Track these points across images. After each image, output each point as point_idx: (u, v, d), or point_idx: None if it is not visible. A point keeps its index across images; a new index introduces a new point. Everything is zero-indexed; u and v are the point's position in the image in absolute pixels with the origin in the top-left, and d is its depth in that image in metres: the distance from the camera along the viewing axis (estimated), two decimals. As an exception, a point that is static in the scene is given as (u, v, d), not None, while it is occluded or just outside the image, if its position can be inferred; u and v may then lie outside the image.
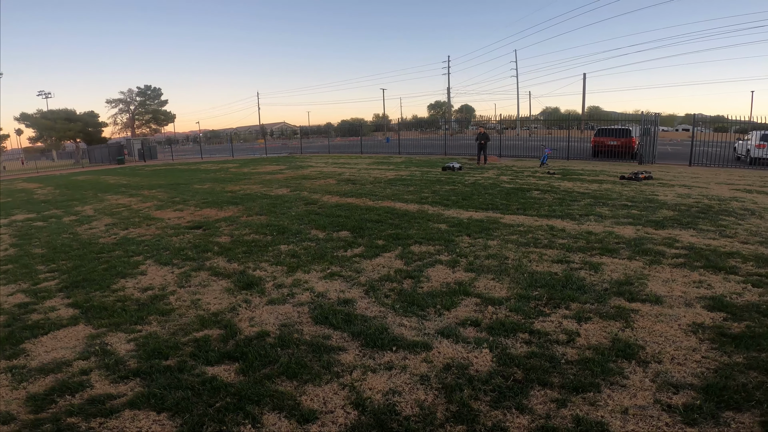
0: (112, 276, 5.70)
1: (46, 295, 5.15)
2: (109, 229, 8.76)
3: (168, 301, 4.75)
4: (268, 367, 3.33)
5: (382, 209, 9.05)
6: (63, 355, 3.76)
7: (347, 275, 5.27)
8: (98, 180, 21.82)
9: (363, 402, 2.87)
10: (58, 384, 3.29)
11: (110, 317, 4.41)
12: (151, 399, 3.02)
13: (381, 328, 3.85)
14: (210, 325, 4.12)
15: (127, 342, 3.90)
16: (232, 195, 12.52)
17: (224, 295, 4.84)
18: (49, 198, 15.22)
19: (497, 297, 4.46)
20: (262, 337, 3.83)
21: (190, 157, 41.75)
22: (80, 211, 11.39)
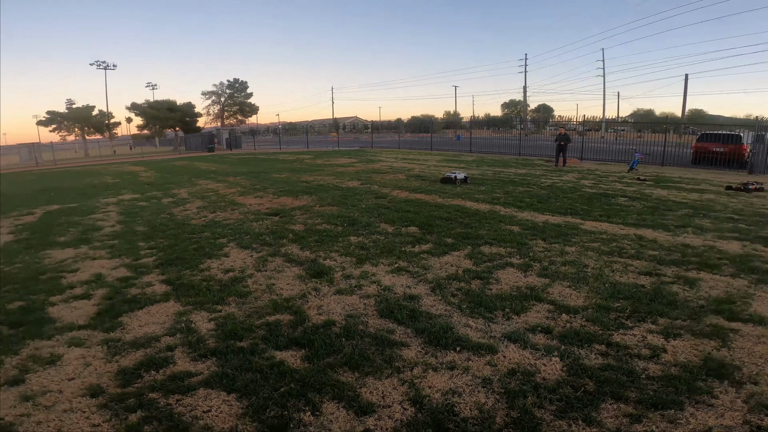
0: (201, 256, 6.21)
1: (145, 271, 5.71)
2: (200, 212, 9.61)
3: (246, 284, 5.05)
4: (332, 357, 3.39)
5: (452, 207, 8.91)
6: (153, 330, 4.02)
7: (414, 271, 5.27)
8: (192, 166, 24.03)
9: (421, 399, 2.86)
10: (146, 359, 3.51)
11: (196, 296, 4.76)
12: (223, 379, 3.15)
13: (445, 327, 3.80)
14: (282, 310, 4.31)
15: (208, 321, 4.15)
16: (306, 185, 13.09)
17: (296, 282, 5.06)
18: (151, 180, 17.07)
19: (573, 305, 4.20)
20: (328, 326, 3.92)
21: (269, 147, 44.39)
22: (176, 194, 12.63)
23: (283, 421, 2.69)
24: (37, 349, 3.75)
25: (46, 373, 3.39)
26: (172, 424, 2.72)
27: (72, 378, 3.31)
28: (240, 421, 2.72)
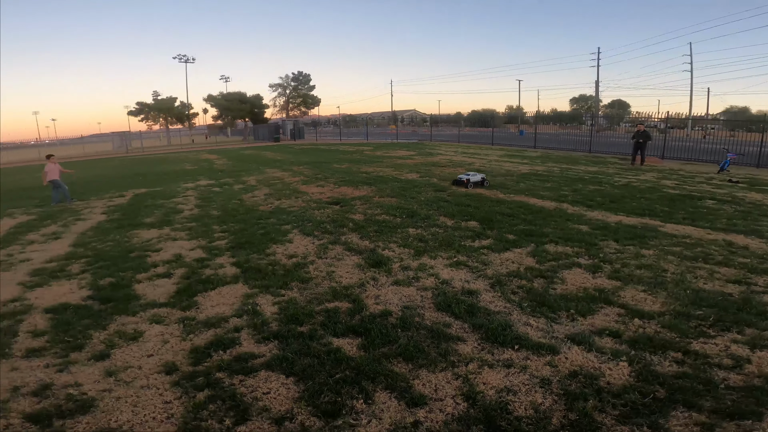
0: (267, 241, 6.53)
1: (218, 253, 6.11)
2: (267, 199, 10.12)
3: (308, 270, 5.23)
4: (387, 347, 3.41)
5: (514, 203, 8.61)
6: (223, 311, 4.22)
7: (473, 266, 5.18)
8: (260, 155, 25.33)
9: (475, 395, 2.82)
10: (215, 339, 3.66)
11: (262, 279, 4.99)
12: (283, 363, 3.25)
13: (504, 324, 3.71)
14: (340, 298, 4.41)
15: (272, 305, 4.30)
16: (366, 176, 13.28)
17: (355, 271, 5.16)
18: (224, 168, 18.27)
19: (647, 311, 3.93)
20: (385, 316, 3.95)
21: (330, 138, 45.52)
22: (246, 181, 13.40)
23: (336, 408, 2.74)
24: (123, 324, 4.06)
25: (129, 349, 3.63)
26: (234, 404, 2.83)
27: (151, 355, 3.52)
28: (296, 405, 2.79)
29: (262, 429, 2.61)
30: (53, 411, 2.85)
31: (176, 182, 14.14)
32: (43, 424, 2.73)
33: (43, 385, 3.14)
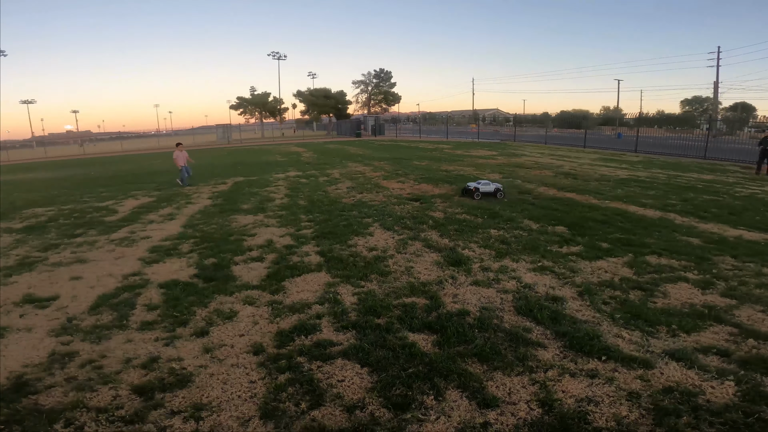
0: (349, 233, 6.76)
1: (304, 241, 6.45)
2: (349, 192, 10.50)
3: (387, 264, 5.31)
4: (463, 346, 3.37)
5: (610, 210, 7.95)
6: (307, 297, 4.40)
7: (560, 272, 4.91)
8: (343, 149, 26.31)
9: (551, 402, 2.71)
10: (299, 324, 3.82)
11: (344, 269, 5.17)
12: (359, 352, 3.30)
13: (592, 334, 3.49)
14: (418, 294, 4.43)
15: (352, 295, 4.41)
16: (446, 174, 13.16)
17: (433, 268, 5.15)
18: (310, 161, 19.31)
19: (765, 332, 3.49)
20: (462, 315, 3.90)
21: (409, 135, 45.73)
22: (330, 174, 14.03)
23: (406, 401, 2.76)
24: (221, 303, 4.35)
25: (225, 327, 3.87)
26: (311, 388, 2.94)
27: (242, 335, 3.72)
28: (368, 395, 2.84)
29: (334, 416, 2.67)
30: (156, 384, 3.08)
31: (269, 172, 15.26)
32: (146, 396, 2.94)
33: (152, 358, 3.42)
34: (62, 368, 3.31)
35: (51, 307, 4.41)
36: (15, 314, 4.26)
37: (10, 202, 11.53)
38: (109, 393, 2.99)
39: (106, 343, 3.69)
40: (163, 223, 8.09)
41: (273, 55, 64.61)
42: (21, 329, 3.94)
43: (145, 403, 2.88)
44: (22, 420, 2.73)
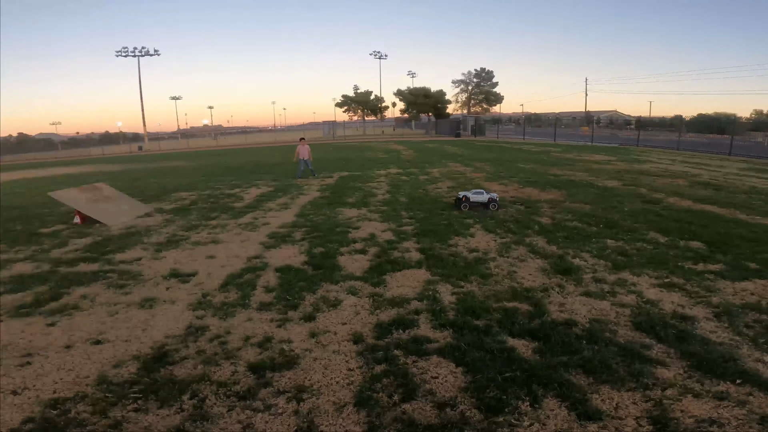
0: (450, 233, 6.74)
1: (405, 238, 6.58)
2: (450, 191, 10.43)
3: (488, 266, 5.19)
4: (567, 356, 3.21)
5: (761, 227, 6.73)
6: (406, 293, 4.48)
7: (692, 291, 4.34)
8: (442, 148, 26.23)
9: (666, 420, 2.49)
10: (398, 318, 3.91)
11: (443, 268, 5.15)
12: (455, 352, 3.30)
13: (726, 356, 3.13)
14: (520, 299, 4.26)
15: (451, 294, 4.41)
16: (554, 178, 12.35)
17: (538, 274, 4.90)
18: (410, 159, 19.63)
19: None
20: (569, 325, 3.70)
21: (512, 136, 43.68)
22: (430, 173, 14.10)
23: (500, 404, 2.71)
24: (328, 291, 4.59)
25: (330, 314, 4.07)
26: (404, 382, 2.99)
27: (344, 323, 3.89)
28: (460, 394, 2.83)
29: (424, 411, 2.70)
30: (268, 363, 3.30)
31: (371, 169, 15.87)
32: (258, 374, 3.16)
33: (266, 338, 3.68)
34: (195, 341, 3.69)
35: (191, 282, 5.07)
36: (162, 287, 4.96)
37: (162, 186, 13.72)
38: (230, 368, 3.28)
39: (231, 320, 4.06)
40: (280, 211, 8.89)
41: (374, 54, 66.79)
42: (166, 301, 4.56)
43: (257, 380, 3.11)
44: (157, 390, 3.02)
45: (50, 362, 3.42)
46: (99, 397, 2.94)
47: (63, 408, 2.85)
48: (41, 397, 2.96)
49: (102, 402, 2.89)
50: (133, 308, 4.40)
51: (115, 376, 3.19)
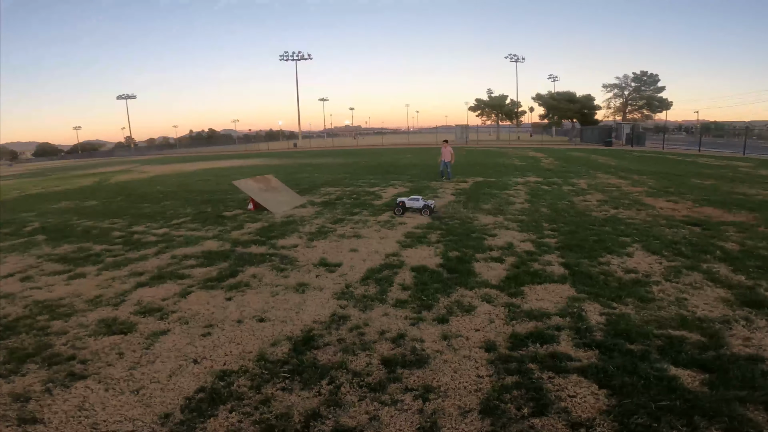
0: (601, 249, 6.07)
1: (547, 250, 6.14)
2: (601, 205, 9.38)
3: (650, 290, 4.57)
4: (745, 391, 2.84)
5: None
6: (547, 307, 4.27)
7: None
8: (589, 158, 23.76)
9: None
10: (535, 331, 3.76)
11: (592, 287, 4.71)
12: (600, 373, 3.08)
13: None
14: (691, 328, 3.74)
15: (599, 314, 4.07)
16: (744, 198, 10.11)
17: (717, 304, 4.21)
18: (551, 167, 18.25)
19: None
20: (753, 361, 3.23)
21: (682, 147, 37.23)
22: (575, 183, 12.89)
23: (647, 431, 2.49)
24: (462, 296, 4.58)
25: (463, 319, 4.07)
26: (536, 396, 2.88)
27: (477, 329, 3.87)
28: (600, 417, 2.66)
29: (555, 428, 2.59)
30: (399, 359, 3.39)
31: (507, 175, 15.23)
32: (390, 369, 3.26)
33: (400, 334, 3.80)
34: (337, 329, 3.96)
35: (336, 273, 5.53)
36: (313, 274, 5.50)
37: (312, 181, 15.44)
38: (365, 359, 3.43)
39: (370, 313, 4.28)
40: (415, 212, 9.13)
41: (510, 58, 63.91)
42: (315, 288, 5.03)
43: (388, 374, 3.21)
44: (302, 372, 3.27)
45: (225, 334, 3.99)
46: (257, 373, 3.33)
47: (228, 380, 3.25)
48: (214, 368, 3.43)
49: (258, 378, 3.27)
50: (290, 291, 4.97)
51: (271, 354, 3.61)
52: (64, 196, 16.01)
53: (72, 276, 5.84)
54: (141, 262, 6.34)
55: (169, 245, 7.20)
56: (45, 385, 3.29)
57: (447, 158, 14.07)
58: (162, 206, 11.55)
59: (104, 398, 3.11)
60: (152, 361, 3.56)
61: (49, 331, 4.15)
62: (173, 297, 4.91)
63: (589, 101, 59.88)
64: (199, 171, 24.47)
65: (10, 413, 2.98)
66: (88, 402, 3.08)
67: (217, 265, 5.98)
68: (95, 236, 8.24)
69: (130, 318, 4.39)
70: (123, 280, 5.58)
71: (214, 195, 13.13)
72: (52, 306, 4.77)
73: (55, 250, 7.31)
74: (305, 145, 66.37)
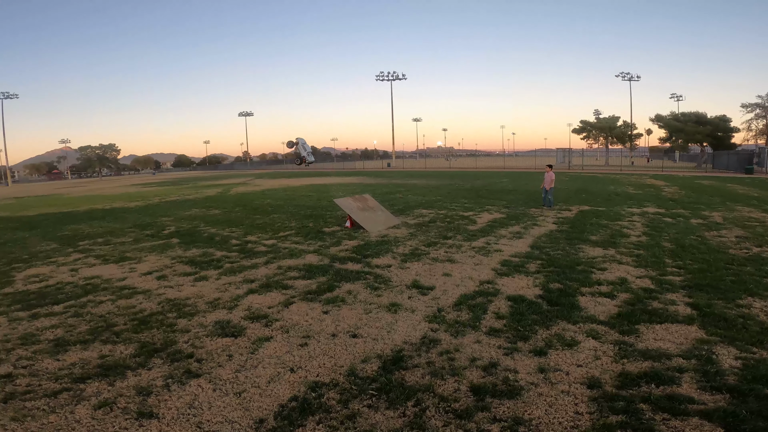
0: (740, 290, 5.26)
1: (669, 288, 5.44)
2: (740, 242, 8.01)
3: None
4: None
5: None
6: (667, 347, 3.90)
7: None
8: (723, 187, 20.51)
9: None
10: (650, 371, 3.45)
11: (727, 329, 4.22)
12: (728, 417, 2.85)
13: None
14: None
15: (735, 358, 3.68)
16: None
17: None
18: (674, 197, 16.09)
19: None
20: None
21: None
22: (707, 216, 11.16)
23: None
24: (563, 330, 4.34)
25: (563, 353, 3.86)
26: None
27: (580, 365, 3.63)
28: None
29: None
30: (489, 388, 3.29)
31: (619, 204, 13.80)
32: (478, 397, 3.19)
33: (492, 363, 3.69)
34: (427, 352, 3.97)
35: (428, 296, 5.49)
36: (405, 295, 5.52)
37: (406, 202, 15.67)
38: (453, 385, 3.36)
39: (461, 338, 4.22)
40: (512, 239, 8.71)
41: (622, 76, 58.53)
42: (407, 309, 5.04)
43: (477, 402, 3.12)
44: (389, 391, 3.29)
45: (320, 347, 4.17)
46: (346, 388, 3.41)
47: (319, 392, 3.36)
48: (308, 378, 3.58)
49: (347, 393, 3.34)
50: (383, 310, 5.05)
51: (361, 370, 3.67)
52: (194, 204, 18.43)
53: (197, 278, 6.63)
54: (252, 270, 6.97)
55: (276, 256, 7.82)
56: (165, 381, 3.60)
57: (547, 184, 13.28)
58: (271, 218, 12.65)
59: (211, 398, 3.35)
60: (255, 366, 3.82)
61: (175, 329, 4.69)
62: (277, 306, 5.29)
63: (724, 123, 52.07)
64: (302, 186, 26.46)
65: (132, 406, 3.25)
66: (197, 400, 3.31)
67: (316, 279, 6.32)
68: (217, 243, 9.30)
69: (240, 322, 4.82)
70: (237, 285, 6.18)
71: (315, 210, 14.06)
72: (180, 305, 5.45)
73: (185, 253, 8.40)
74: (398, 165, 68.00)
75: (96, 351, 4.18)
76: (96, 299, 5.75)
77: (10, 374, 3.79)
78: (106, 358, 4.04)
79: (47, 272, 7.36)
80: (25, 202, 25.55)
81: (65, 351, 4.20)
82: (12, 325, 4.94)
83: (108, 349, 4.21)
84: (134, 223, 12.97)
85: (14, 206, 22.89)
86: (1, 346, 4.37)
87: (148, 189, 32.50)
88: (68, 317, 5.10)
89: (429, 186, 23.54)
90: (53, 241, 10.53)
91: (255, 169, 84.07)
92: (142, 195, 25.82)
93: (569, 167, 44.49)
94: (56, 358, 4.06)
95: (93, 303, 5.60)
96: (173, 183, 41.67)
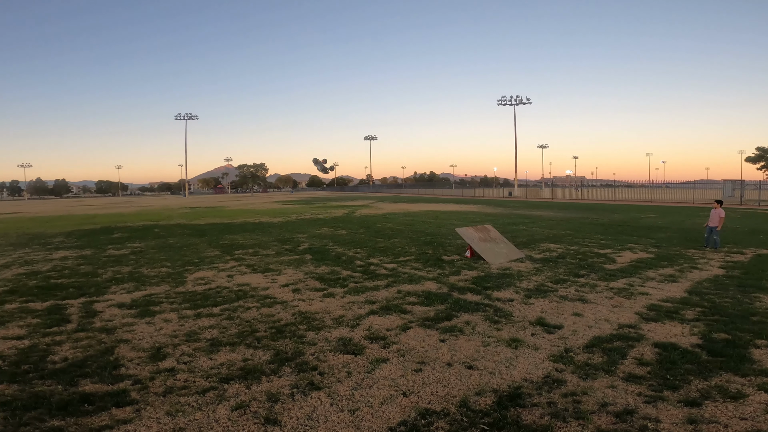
0: None
1: None
2: None
3: None
4: None
5: None
6: None
7: None
8: None
9: None
10: None
11: None
12: None
13: None
14: None
15: None
16: None
17: None
18: None
19: None
20: None
21: None
22: None
23: None
24: (727, 382, 3.80)
25: (724, 405, 3.42)
26: None
27: (744, 419, 3.21)
28: None
29: None
30: None
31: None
32: None
33: (627, 410, 3.33)
34: (549, 392, 3.67)
35: (555, 334, 5.05)
36: (528, 332, 5.16)
37: (530, 234, 14.70)
38: (576, 428, 3.11)
39: (591, 381, 3.86)
40: (663, 283, 7.51)
41: None
42: (529, 346, 4.71)
43: None
44: (501, 427, 3.14)
45: (434, 374, 4.11)
46: (457, 418, 3.29)
47: (429, 419, 3.28)
48: (419, 405, 3.53)
49: (457, 424, 3.21)
50: (502, 344, 4.80)
51: (474, 403, 3.52)
52: (324, 223, 20.17)
53: (325, 294, 7.19)
54: (374, 291, 7.29)
55: (396, 280, 8.06)
56: (291, 390, 3.79)
57: (714, 223, 11.14)
58: (392, 242, 13.10)
59: (328, 412, 3.45)
60: (371, 386, 3.91)
61: (304, 341, 5.09)
62: (396, 329, 5.41)
63: None
64: (420, 212, 26.85)
65: (261, 411, 3.44)
66: (315, 413, 3.43)
67: (434, 306, 6.31)
68: (343, 262, 9.99)
69: (361, 341, 5.03)
70: (360, 305, 6.51)
71: (434, 237, 14.09)
72: (309, 318, 5.95)
73: (316, 270, 9.20)
74: (521, 194, 64.30)
75: (240, 354, 4.70)
76: (245, 305, 6.62)
77: (173, 368, 4.29)
78: (247, 361, 4.49)
79: (210, 276, 8.77)
80: (197, 212, 31.14)
81: (217, 351, 4.79)
82: (180, 321, 5.88)
83: (250, 353, 4.70)
84: (276, 237, 14.75)
85: (190, 215, 28.07)
86: (169, 340, 5.15)
87: (288, 206, 36.82)
88: (222, 319, 5.94)
89: (556, 218, 21.69)
90: (217, 248, 12.55)
91: (377, 192, 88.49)
92: (283, 212, 29.38)
93: (741, 202, 36.71)
94: (210, 357, 4.62)
95: (242, 308, 6.45)
96: (306, 202, 46.41)
